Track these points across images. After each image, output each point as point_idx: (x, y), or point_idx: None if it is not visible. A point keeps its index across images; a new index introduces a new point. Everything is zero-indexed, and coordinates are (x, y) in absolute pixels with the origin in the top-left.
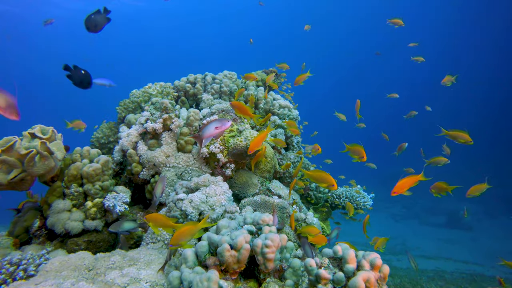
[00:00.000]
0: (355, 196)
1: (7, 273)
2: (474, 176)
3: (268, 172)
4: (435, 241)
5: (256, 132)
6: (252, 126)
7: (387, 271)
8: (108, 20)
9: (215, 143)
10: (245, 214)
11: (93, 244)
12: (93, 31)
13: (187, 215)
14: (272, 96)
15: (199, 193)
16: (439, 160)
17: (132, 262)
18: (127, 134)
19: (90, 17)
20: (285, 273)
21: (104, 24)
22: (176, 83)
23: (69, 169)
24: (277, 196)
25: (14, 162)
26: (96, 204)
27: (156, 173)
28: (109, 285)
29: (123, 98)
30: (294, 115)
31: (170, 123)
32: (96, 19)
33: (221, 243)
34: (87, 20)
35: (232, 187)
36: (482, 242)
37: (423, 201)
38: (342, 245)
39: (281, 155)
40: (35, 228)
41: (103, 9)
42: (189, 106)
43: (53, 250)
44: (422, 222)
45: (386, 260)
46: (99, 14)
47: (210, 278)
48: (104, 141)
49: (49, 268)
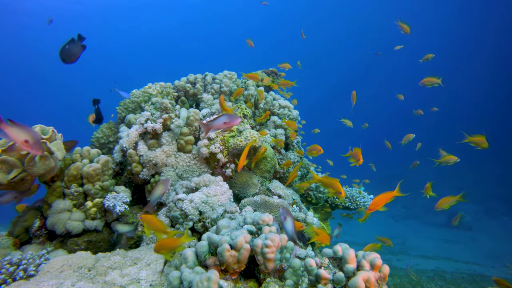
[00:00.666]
0: (355, 196)
1: (7, 273)
2: (474, 177)
3: (268, 172)
4: (435, 241)
5: (256, 132)
6: (252, 126)
7: (387, 271)
8: (84, 48)
9: (215, 143)
10: (245, 214)
11: (93, 244)
12: (69, 62)
13: (187, 215)
14: (272, 96)
15: (199, 193)
16: (448, 159)
17: (132, 262)
18: (127, 134)
19: (65, 47)
20: (285, 273)
21: (80, 52)
22: (176, 83)
23: (69, 169)
24: (277, 196)
25: (14, 162)
26: (96, 204)
27: (156, 173)
28: (109, 285)
29: (123, 98)
30: (294, 115)
31: (170, 123)
32: (71, 49)
33: (221, 243)
34: (61, 52)
35: (232, 187)
36: (482, 242)
37: (423, 201)
38: (342, 245)
39: (281, 155)
40: (35, 228)
41: (77, 37)
42: (189, 106)
43: (53, 250)
44: (422, 222)
45: (386, 260)
46: (73, 43)
47: (210, 278)
48: (104, 141)
49: (49, 268)
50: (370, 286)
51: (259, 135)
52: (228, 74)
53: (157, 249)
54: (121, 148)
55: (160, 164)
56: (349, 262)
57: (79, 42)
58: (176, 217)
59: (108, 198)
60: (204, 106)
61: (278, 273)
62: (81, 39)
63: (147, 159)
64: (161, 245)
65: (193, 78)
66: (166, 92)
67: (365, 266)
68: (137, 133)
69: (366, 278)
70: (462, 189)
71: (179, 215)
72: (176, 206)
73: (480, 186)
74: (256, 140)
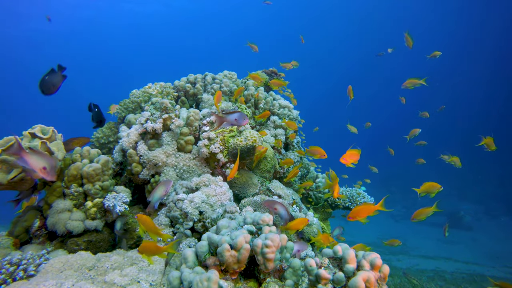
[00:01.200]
0: (355, 196)
1: (7, 273)
2: (474, 177)
3: (268, 172)
4: (435, 241)
5: (256, 132)
6: (252, 126)
7: (387, 271)
8: (64, 78)
9: (215, 143)
10: (245, 214)
11: (93, 244)
12: (49, 94)
13: (187, 215)
14: (272, 96)
15: (199, 193)
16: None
17: (132, 262)
18: (127, 134)
19: (45, 78)
20: (285, 273)
21: (61, 83)
22: (176, 83)
23: (69, 169)
24: (277, 196)
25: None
26: (96, 204)
27: (156, 173)
28: (109, 285)
29: (123, 98)
30: (294, 115)
31: (170, 123)
32: (51, 80)
33: (221, 243)
34: (41, 83)
35: (232, 187)
36: (482, 242)
37: (423, 201)
38: (342, 245)
39: (281, 155)
40: (35, 228)
41: (57, 67)
42: (189, 106)
43: (53, 250)
44: (422, 222)
45: (386, 260)
46: (53, 74)
47: (210, 278)
48: (104, 141)
49: (49, 268)
50: (370, 286)
51: (259, 135)
52: (228, 74)
53: (140, 250)
54: (121, 148)
55: (160, 164)
56: (349, 262)
57: (60, 72)
58: (176, 217)
59: (108, 198)
60: (204, 106)
61: (278, 273)
62: (61, 69)
63: (147, 159)
64: (143, 248)
65: (193, 78)
66: (166, 92)
67: (365, 266)
68: (137, 133)
69: (366, 278)
70: (462, 189)
71: (179, 215)
72: (176, 206)
73: (480, 186)
74: (256, 140)
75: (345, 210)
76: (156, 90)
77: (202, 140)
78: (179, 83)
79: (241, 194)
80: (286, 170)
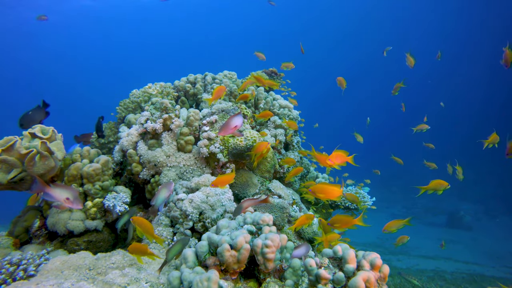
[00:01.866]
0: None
1: (7, 273)
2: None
3: (268, 172)
4: (435, 241)
5: (256, 132)
6: (252, 126)
7: (387, 271)
8: (47, 115)
9: (215, 143)
10: (245, 214)
11: (93, 244)
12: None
13: (187, 215)
14: (272, 96)
15: (199, 193)
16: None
17: (132, 262)
18: (127, 134)
19: (28, 114)
20: (285, 273)
21: (42, 119)
22: (176, 83)
23: (69, 169)
24: (277, 196)
25: (14, 161)
26: (96, 204)
27: (156, 173)
28: (110, 285)
29: (123, 98)
30: (294, 115)
31: (170, 123)
32: (33, 116)
33: (221, 243)
34: (22, 117)
35: (232, 187)
36: (482, 242)
37: (423, 201)
38: (342, 245)
39: (281, 155)
40: (35, 228)
41: (42, 103)
42: (189, 106)
43: (53, 250)
44: (422, 222)
45: (386, 260)
46: (37, 110)
47: (210, 278)
48: (104, 141)
49: (49, 268)
50: (370, 286)
51: (259, 135)
52: (228, 74)
53: (129, 250)
54: (121, 148)
55: (160, 164)
56: (349, 262)
57: (43, 109)
58: (176, 217)
59: (108, 198)
60: (204, 106)
61: (278, 273)
62: (45, 106)
63: (147, 159)
64: (133, 248)
65: (193, 78)
66: (166, 92)
67: (365, 266)
68: (137, 133)
69: (366, 278)
70: (462, 189)
71: (179, 215)
72: (176, 206)
73: (480, 186)
74: (256, 140)
75: (346, 210)
76: (156, 90)
77: (202, 140)
78: (179, 83)
79: (241, 194)
80: (286, 170)
